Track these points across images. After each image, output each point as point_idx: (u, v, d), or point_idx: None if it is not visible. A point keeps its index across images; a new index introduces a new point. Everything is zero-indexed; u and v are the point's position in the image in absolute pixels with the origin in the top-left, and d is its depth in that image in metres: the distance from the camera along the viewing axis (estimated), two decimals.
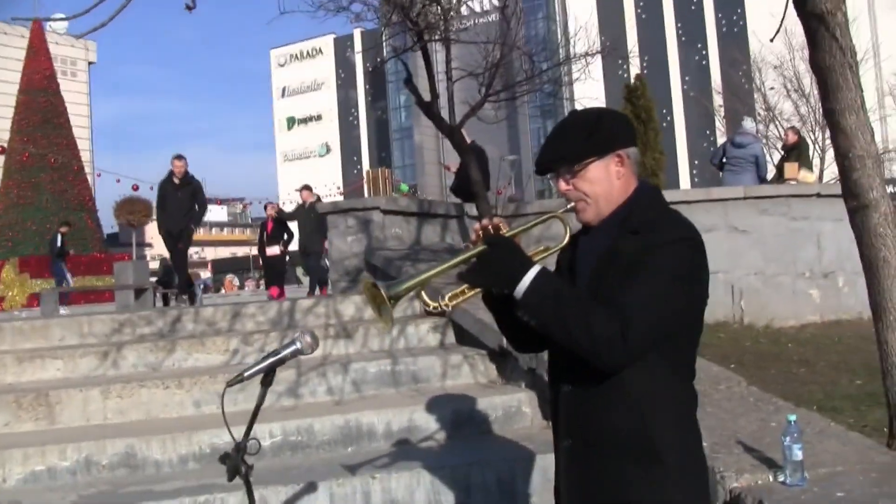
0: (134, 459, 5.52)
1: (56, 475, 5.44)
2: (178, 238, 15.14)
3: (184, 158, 14.96)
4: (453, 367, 6.72)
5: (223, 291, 66.51)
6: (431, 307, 2.82)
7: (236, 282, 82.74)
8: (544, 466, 5.14)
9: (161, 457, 5.54)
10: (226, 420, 3.06)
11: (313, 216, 16.68)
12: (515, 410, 6.04)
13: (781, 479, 3.92)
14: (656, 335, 2.53)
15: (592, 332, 2.46)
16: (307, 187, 18.72)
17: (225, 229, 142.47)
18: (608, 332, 2.45)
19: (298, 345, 3.03)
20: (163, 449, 5.56)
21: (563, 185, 2.75)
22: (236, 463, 2.91)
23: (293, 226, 20.01)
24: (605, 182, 2.71)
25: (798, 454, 3.86)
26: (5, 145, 37.98)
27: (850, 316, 11.32)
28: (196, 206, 15.23)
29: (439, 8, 9.73)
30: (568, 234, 2.83)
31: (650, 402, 2.59)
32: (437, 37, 10.20)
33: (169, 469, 5.52)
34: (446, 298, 2.76)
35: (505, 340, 6.20)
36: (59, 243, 28.07)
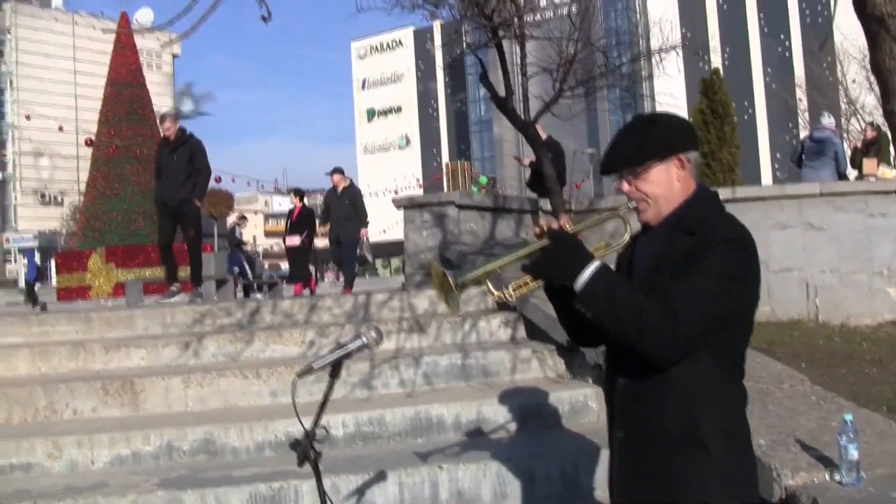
0: (213, 446, 5.75)
1: (140, 459, 5.70)
2: (177, 215, 12.24)
3: (168, 118, 12.34)
4: (523, 361, 6.85)
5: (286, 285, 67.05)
6: (496, 296, 2.95)
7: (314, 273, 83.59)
8: (605, 459, 5.25)
9: (238, 444, 5.77)
10: (296, 409, 3.24)
11: (347, 202, 16.13)
12: (582, 405, 6.15)
13: (837, 478, 3.98)
14: (704, 331, 2.64)
15: (642, 326, 2.59)
16: (338, 170, 16.99)
17: None
18: (658, 325, 2.58)
19: (364, 339, 3.19)
20: (240, 436, 5.78)
21: (625, 186, 2.89)
22: (305, 449, 3.07)
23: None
24: (666, 184, 2.83)
25: (854, 454, 3.92)
26: (93, 138, 38.79)
27: None
28: (196, 173, 12.28)
29: (513, 5, 9.80)
30: (629, 233, 2.95)
31: (698, 396, 2.71)
32: (511, 33, 10.27)
33: (246, 456, 5.74)
34: (510, 288, 2.90)
35: None
36: (237, 234, 29.94)
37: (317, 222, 18.20)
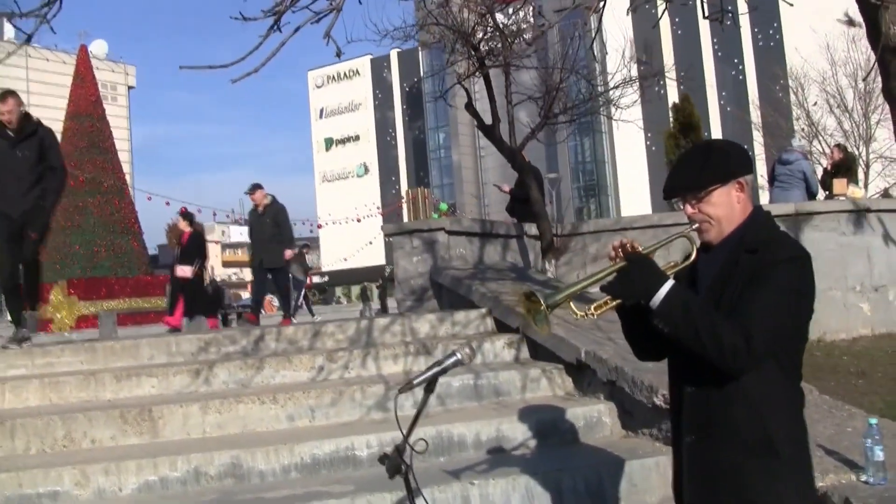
0: (240, 470, 5.85)
1: (168, 485, 5.78)
2: (23, 225, 9.12)
3: (10, 96, 9.34)
4: (532, 380, 7.04)
5: (263, 312, 66.72)
6: (579, 315, 3.13)
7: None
8: (629, 472, 5.48)
9: (265, 467, 5.87)
10: (398, 422, 3.38)
11: (270, 221, 14.61)
12: (596, 421, 6.35)
13: (864, 478, 4.21)
14: (775, 343, 2.86)
15: (721, 341, 2.80)
16: (257, 186, 15.03)
17: None
18: (735, 340, 2.79)
19: (459, 356, 3.36)
20: (266, 460, 5.89)
21: (689, 209, 3.10)
22: (397, 463, 3.22)
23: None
24: (727, 206, 3.06)
25: (880, 455, 4.15)
26: None
27: None
28: (50, 174, 9.35)
29: (501, 36, 10.05)
30: (695, 251, 3.15)
31: (767, 401, 2.93)
32: (497, 62, 10.51)
33: (272, 479, 5.84)
34: (591, 308, 3.10)
35: (583, 353, 6.56)
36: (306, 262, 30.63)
37: (207, 249, 17.02)
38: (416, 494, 3.34)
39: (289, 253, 14.69)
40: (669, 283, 2.94)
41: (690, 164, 3.15)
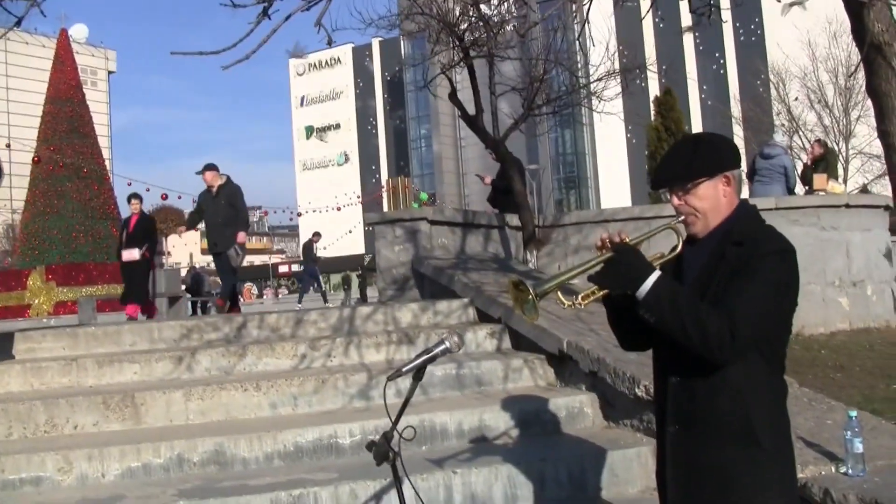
0: (223, 457, 5.87)
1: (151, 471, 5.79)
2: None
3: None
4: (514, 370, 7.09)
5: (242, 300, 66.67)
6: (566, 305, 3.18)
7: (255, 290, 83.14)
8: (611, 463, 5.55)
9: (248, 454, 5.90)
10: (387, 409, 3.44)
11: (224, 203, 13.52)
12: (578, 411, 6.41)
13: (843, 470, 4.28)
14: (759, 334, 2.91)
15: (706, 331, 2.84)
16: (211, 166, 13.99)
17: None
18: (719, 331, 2.83)
19: (447, 344, 3.39)
20: (249, 447, 5.91)
21: (675, 201, 3.14)
22: (384, 450, 3.24)
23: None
24: (714, 199, 3.09)
25: (859, 447, 4.22)
26: (38, 156, 38.34)
27: (878, 324, 11.63)
28: None
29: (485, 26, 10.06)
30: (681, 243, 3.19)
31: (749, 391, 2.97)
32: (482, 53, 10.52)
33: (256, 466, 5.87)
34: (579, 298, 3.15)
35: (565, 344, 6.61)
36: (314, 250, 32.29)
37: (157, 233, 15.82)
38: (403, 481, 3.36)
39: (242, 236, 13.58)
40: (656, 274, 2.98)
41: (679, 156, 3.18)
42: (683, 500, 3.12)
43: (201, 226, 14.80)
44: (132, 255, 14.72)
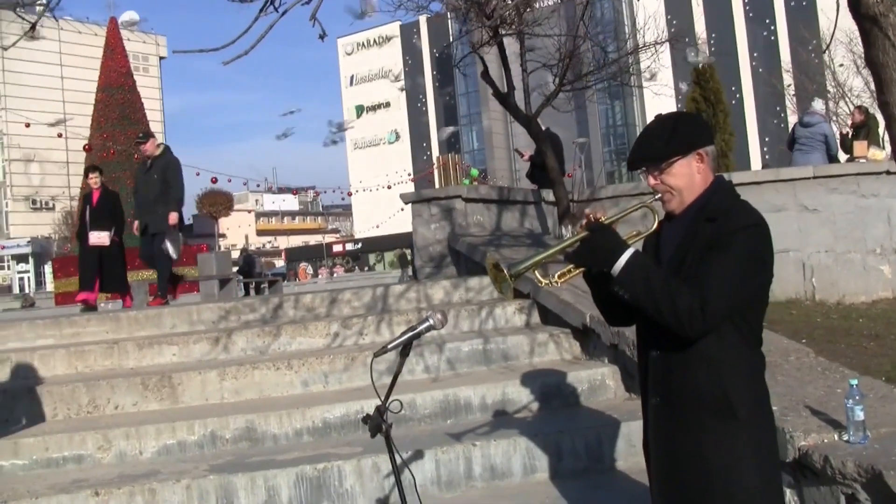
0: (254, 433, 6.09)
1: (185, 448, 6.04)
2: None
3: None
4: (540, 344, 7.21)
5: (298, 280, 67.27)
6: (543, 283, 3.31)
7: (310, 270, 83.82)
8: (628, 433, 5.64)
9: (278, 431, 6.11)
10: (374, 386, 3.60)
11: (157, 177, 11.85)
12: (599, 384, 6.53)
13: (845, 437, 4.34)
14: (730, 308, 3.01)
15: (677, 306, 2.95)
16: (145, 133, 12.68)
17: (297, 218, 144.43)
18: (690, 305, 2.94)
19: (431, 321, 3.54)
20: (279, 424, 6.12)
21: (651, 180, 3.24)
22: (378, 422, 3.41)
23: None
24: (688, 177, 3.19)
25: (860, 414, 4.28)
26: (90, 144, 38.97)
27: None
28: None
29: (513, 3, 10.11)
30: (656, 221, 3.30)
31: (725, 364, 3.07)
32: (511, 31, 10.59)
33: (285, 441, 6.09)
34: (555, 276, 3.28)
35: (588, 318, 6.73)
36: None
37: (123, 211, 13.19)
38: (402, 461, 3.54)
39: (173, 216, 11.88)
40: (630, 252, 3.08)
41: (653, 137, 3.28)
42: (665, 471, 3.24)
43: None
44: (101, 239, 12.70)
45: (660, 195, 3.26)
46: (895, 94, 4.46)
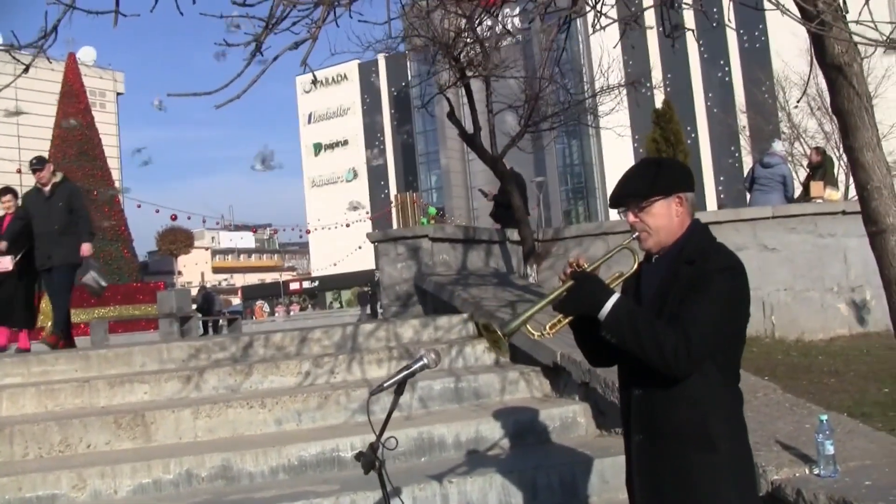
0: (230, 472, 6.11)
1: (161, 487, 6.03)
2: None
3: None
4: (511, 382, 7.34)
5: (254, 318, 66.86)
6: (535, 336, 3.44)
7: (266, 308, 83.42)
8: (601, 469, 5.76)
9: (254, 469, 6.13)
10: (371, 423, 3.64)
11: (62, 205, 11.24)
12: (571, 421, 6.65)
13: (816, 471, 4.51)
14: (713, 347, 3.15)
15: (662, 347, 3.08)
16: (41, 159, 11.73)
17: (253, 256, 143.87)
18: (675, 346, 3.08)
19: (425, 360, 3.63)
20: (255, 462, 6.15)
21: (631, 218, 3.40)
22: (371, 459, 3.49)
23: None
24: (666, 217, 3.35)
25: (830, 449, 4.44)
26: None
27: (877, 328, 11.75)
28: None
29: (480, 46, 10.30)
30: (637, 263, 3.45)
31: (706, 400, 3.22)
32: (478, 73, 10.77)
33: (261, 480, 6.10)
34: (547, 328, 3.42)
35: (559, 356, 6.85)
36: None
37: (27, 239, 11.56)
38: (390, 490, 3.60)
39: (87, 247, 11.36)
40: (615, 297, 3.23)
41: (637, 176, 3.44)
42: None
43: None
44: (4, 263, 11.36)
45: (637, 234, 3.40)
46: (860, 139, 4.65)
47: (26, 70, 4.07)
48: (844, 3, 4.62)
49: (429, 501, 5.53)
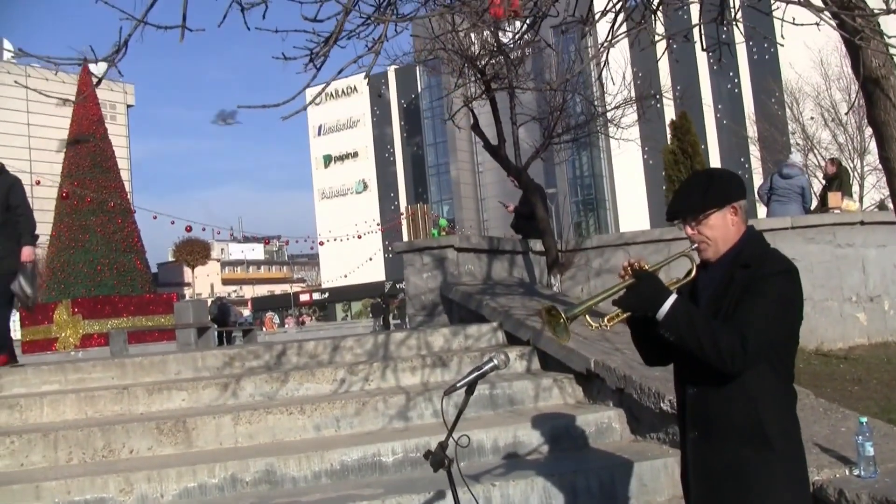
0: (273, 476, 6.24)
1: (206, 491, 6.16)
2: None
3: None
4: (544, 389, 7.46)
5: (264, 329, 66.95)
6: (594, 327, 3.58)
7: (276, 319, 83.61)
8: (639, 473, 5.89)
9: (297, 473, 6.26)
10: (445, 420, 3.80)
11: None
12: (606, 426, 6.77)
13: (856, 472, 4.64)
14: (768, 347, 3.29)
15: (720, 346, 3.22)
16: None
17: (262, 267, 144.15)
18: (732, 345, 3.21)
19: (496, 361, 3.78)
20: (298, 467, 6.28)
21: (689, 230, 3.54)
22: (440, 458, 3.62)
23: None
24: (723, 228, 3.49)
25: (870, 450, 4.58)
26: (67, 191, 38.99)
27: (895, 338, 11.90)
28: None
29: (506, 60, 10.44)
30: (694, 268, 3.57)
31: (762, 398, 3.35)
32: (503, 85, 10.91)
33: (304, 484, 6.23)
34: (605, 320, 3.55)
35: (592, 363, 6.97)
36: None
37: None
38: (460, 485, 3.72)
39: (28, 252, 9.82)
40: (673, 297, 3.37)
41: (691, 190, 3.58)
42: (705, 501, 3.49)
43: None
44: None
45: (696, 245, 3.54)
46: (895, 150, 4.78)
47: (98, 83, 4.20)
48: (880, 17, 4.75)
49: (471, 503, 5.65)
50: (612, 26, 5.93)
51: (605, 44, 5.44)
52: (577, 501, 5.75)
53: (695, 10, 6.57)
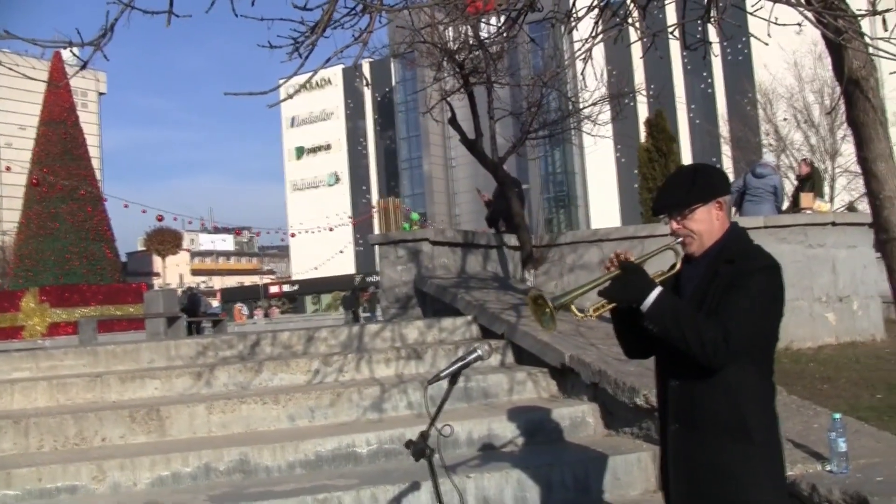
0: (247, 465, 6.23)
1: (180, 479, 6.15)
2: None
3: None
4: (518, 383, 7.49)
5: (234, 321, 66.58)
6: (580, 317, 3.59)
7: (245, 311, 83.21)
8: (613, 467, 5.94)
9: (271, 463, 6.26)
10: (428, 411, 3.80)
11: None
12: (580, 420, 6.81)
13: (829, 468, 4.70)
14: (750, 341, 3.32)
15: (703, 339, 3.25)
16: None
17: (232, 258, 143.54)
18: (714, 338, 3.24)
19: (480, 352, 3.79)
20: (273, 456, 6.28)
21: (674, 225, 3.57)
22: (421, 447, 3.63)
23: None
24: (708, 222, 3.53)
25: (843, 446, 4.64)
26: (37, 178, 38.61)
27: (864, 338, 11.99)
28: None
29: (485, 54, 10.44)
30: (680, 262, 3.60)
31: (743, 392, 3.39)
32: (482, 80, 10.90)
33: (278, 474, 6.23)
34: (590, 310, 3.56)
35: (567, 358, 7.00)
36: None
37: None
38: (441, 475, 3.73)
39: None
40: (658, 289, 3.40)
41: (677, 185, 3.61)
42: (685, 492, 3.52)
43: None
44: None
45: (681, 239, 3.56)
46: (874, 150, 4.84)
47: (84, 67, 4.18)
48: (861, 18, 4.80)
49: (447, 495, 5.61)
50: (596, 22, 5.93)
51: (590, 40, 5.46)
52: (551, 494, 5.78)
53: (672, 8, 6.61)
